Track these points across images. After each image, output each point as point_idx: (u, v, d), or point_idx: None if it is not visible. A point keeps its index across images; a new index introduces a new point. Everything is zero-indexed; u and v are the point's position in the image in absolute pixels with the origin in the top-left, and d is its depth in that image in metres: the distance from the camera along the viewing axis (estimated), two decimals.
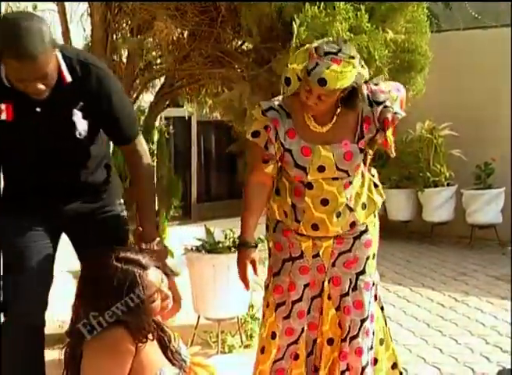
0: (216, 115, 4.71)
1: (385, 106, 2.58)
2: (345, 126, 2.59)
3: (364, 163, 2.73)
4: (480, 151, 6.96)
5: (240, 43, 3.87)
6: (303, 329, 2.71)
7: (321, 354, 2.75)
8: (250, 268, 2.66)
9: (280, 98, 2.64)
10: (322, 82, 2.40)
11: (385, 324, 2.85)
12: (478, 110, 7.05)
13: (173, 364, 1.96)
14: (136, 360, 1.87)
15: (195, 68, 3.88)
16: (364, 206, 2.68)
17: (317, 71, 2.41)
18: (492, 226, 6.93)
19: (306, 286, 2.69)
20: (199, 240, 4.11)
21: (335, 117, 2.58)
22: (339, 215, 2.63)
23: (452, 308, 4.85)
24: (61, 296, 4.21)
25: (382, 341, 2.79)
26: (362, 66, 2.55)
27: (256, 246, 2.68)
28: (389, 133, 2.62)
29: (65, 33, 3.96)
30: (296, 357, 2.73)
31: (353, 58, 2.46)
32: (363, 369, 2.68)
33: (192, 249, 4.06)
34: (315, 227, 2.64)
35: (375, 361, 2.76)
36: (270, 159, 2.62)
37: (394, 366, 2.85)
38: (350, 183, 2.64)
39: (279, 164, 2.66)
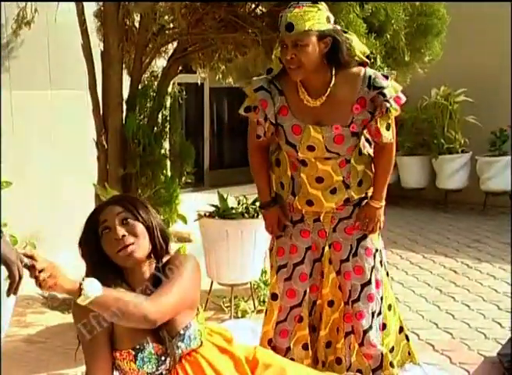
0: (229, 81, 4.67)
1: (381, 93, 2.52)
2: (339, 106, 2.54)
3: (369, 143, 2.72)
4: (495, 117, 6.89)
5: (253, 6, 3.81)
6: (305, 292, 2.75)
7: (322, 315, 2.81)
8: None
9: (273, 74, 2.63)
10: (290, 27, 2.40)
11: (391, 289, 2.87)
12: (494, 76, 6.95)
13: (163, 345, 1.90)
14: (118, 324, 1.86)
15: (208, 32, 3.83)
16: (360, 183, 2.69)
17: (282, 20, 2.43)
18: (506, 193, 6.90)
19: (308, 249, 2.72)
20: (212, 206, 4.12)
21: (328, 90, 2.52)
22: (334, 191, 2.65)
23: (464, 274, 4.85)
24: (75, 262, 4.27)
25: (390, 307, 2.82)
26: (349, 34, 2.56)
27: (276, 203, 2.74)
28: (381, 123, 2.57)
29: None
30: (301, 319, 2.78)
31: (316, 2, 2.45)
32: (364, 332, 2.71)
33: (205, 215, 4.07)
34: (310, 203, 2.68)
35: (384, 326, 2.78)
36: (261, 136, 2.66)
37: (401, 330, 2.88)
38: (348, 161, 2.63)
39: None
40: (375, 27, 3.22)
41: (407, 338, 2.93)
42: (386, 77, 2.57)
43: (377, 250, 2.75)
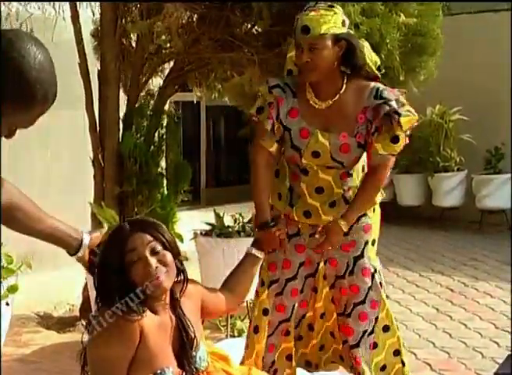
0: (225, 99, 4.70)
1: (386, 103, 2.46)
2: (346, 114, 2.52)
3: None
4: (490, 135, 6.92)
5: (249, 26, 3.84)
6: (294, 306, 2.69)
7: (313, 326, 2.76)
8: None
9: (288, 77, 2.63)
10: (306, 29, 2.39)
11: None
12: (489, 95, 6.99)
13: (181, 368, 1.89)
14: (142, 349, 1.83)
15: (205, 52, 3.86)
16: None
17: (298, 23, 2.42)
18: (502, 211, 6.91)
19: (301, 264, 2.67)
20: (208, 224, 4.12)
21: (338, 95, 2.51)
22: (333, 205, 2.61)
23: (461, 292, 4.84)
24: (71, 281, 4.26)
25: (386, 328, 2.75)
26: (361, 40, 2.55)
27: (275, 225, 2.60)
28: (383, 141, 2.48)
29: (75, 16, 3.95)
30: (287, 333, 2.72)
31: (332, 6, 2.44)
32: (351, 347, 2.68)
33: (202, 234, 4.07)
34: (307, 214, 2.62)
35: (375, 345, 2.75)
36: (268, 135, 2.56)
37: (396, 352, 2.80)
38: (349, 174, 2.60)
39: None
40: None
41: (403, 363, 2.87)
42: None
43: (375, 270, 2.69)
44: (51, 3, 4.04)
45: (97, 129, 4.00)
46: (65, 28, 4.08)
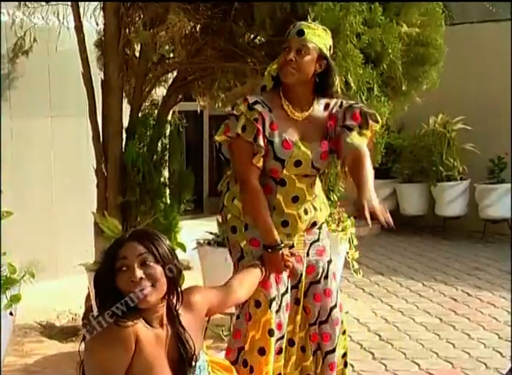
0: (228, 109, 4.69)
1: (352, 106, 2.66)
2: (317, 124, 2.65)
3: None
4: (493, 145, 6.92)
5: (252, 36, 3.86)
6: (286, 321, 2.68)
7: (294, 341, 2.73)
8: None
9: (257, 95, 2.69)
10: (301, 32, 2.57)
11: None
12: (492, 104, 7.00)
13: None
14: (137, 359, 1.81)
15: (208, 62, 3.87)
16: (320, 209, 2.73)
17: (295, 27, 2.60)
18: (505, 221, 6.90)
19: (288, 277, 2.68)
20: (211, 233, 4.12)
21: (312, 107, 2.64)
22: (306, 212, 2.68)
23: (465, 302, 4.83)
24: (74, 290, 4.26)
25: (344, 331, 2.81)
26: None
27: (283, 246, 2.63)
28: (353, 134, 2.62)
29: (78, 27, 3.97)
30: (280, 351, 2.68)
31: (325, 30, 2.63)
32: (327, 353, 2.71)
33: (204, 243, 4.07)
34: (285, 224, 2.65)
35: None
36: (259, 152, 2.58)
37: (344, 354, 2.83)
38: (316, 183, 2.72)
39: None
40: (371, 57, 3.26)
41: (346, 365, 2.85)
42: None
43: (335, 274, 2.78)
44: (55, 13, 4.05)
45: (101, 138, 4.01)
46: (68, 38, 4.10)
